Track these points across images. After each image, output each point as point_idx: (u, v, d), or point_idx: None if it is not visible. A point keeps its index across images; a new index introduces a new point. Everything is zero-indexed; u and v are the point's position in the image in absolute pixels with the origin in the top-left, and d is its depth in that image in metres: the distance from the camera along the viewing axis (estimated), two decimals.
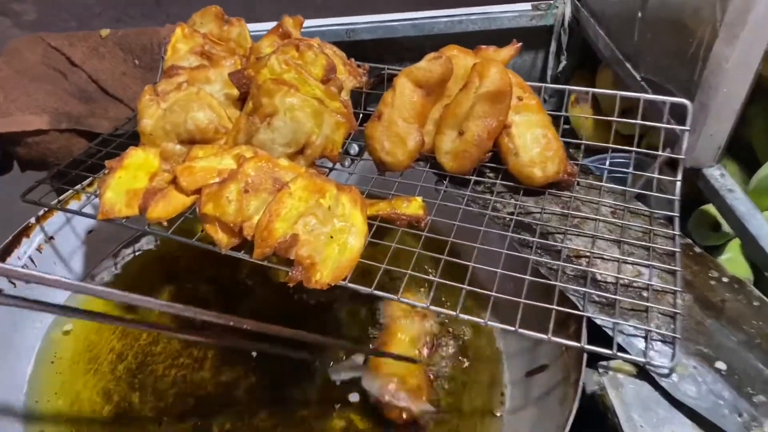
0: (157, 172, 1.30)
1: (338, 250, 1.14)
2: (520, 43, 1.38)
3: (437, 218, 1.24)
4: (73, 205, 1.41)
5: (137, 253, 1.64)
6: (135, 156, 1.31)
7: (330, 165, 1.39)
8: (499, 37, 1.99)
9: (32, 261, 1.40)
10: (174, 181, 1.26)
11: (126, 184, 1.26)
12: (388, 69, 1.47)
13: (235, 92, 1.42)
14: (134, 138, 1.39)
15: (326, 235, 1.15)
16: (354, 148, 1.55)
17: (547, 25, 1.94)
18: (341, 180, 1.30)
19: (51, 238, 1.46)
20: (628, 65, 1.63)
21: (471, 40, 1.99)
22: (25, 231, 1.41)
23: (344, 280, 1.12)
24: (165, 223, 1.21)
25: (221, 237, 1.18)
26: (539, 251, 1.19)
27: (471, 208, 1.28)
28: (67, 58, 1.82)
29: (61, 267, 1.49)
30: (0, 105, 1.64)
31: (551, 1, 1.99)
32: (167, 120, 1.34)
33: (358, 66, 1.45)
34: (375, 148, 1.33)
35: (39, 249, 1.42)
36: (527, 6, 1.99)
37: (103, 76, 1.83)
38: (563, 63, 2.06)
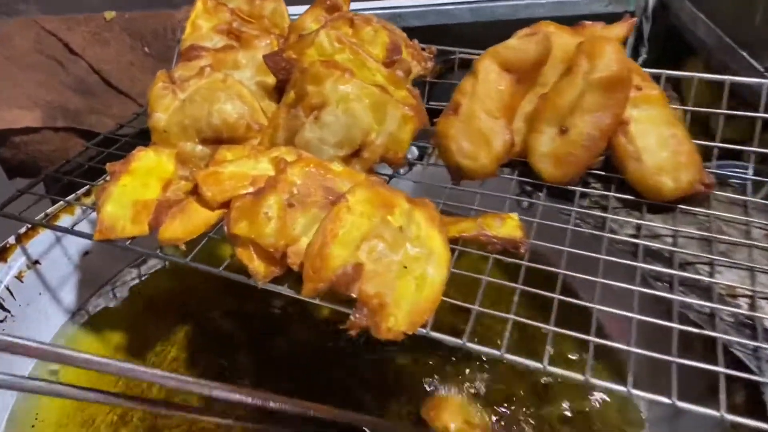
0: (173, 179, 1.01)
1: (415, 285, 0.85)
2: (635, 18, 1.08)
3: (538, 241, 0.94)
4: (64, 220, 1.12)
5: (144, 278, 1.34)
6: (144, 158, 1.03)
7: (388, 171, 1.10)
8: (569, 25, 1.69)
9: (10, 293, 1.11)
10: (195, 192, 0.98)
11: (132, 194, 0.97)
12: (460, 53, 1.17)
13: (271, 80, 1.13)
14: (143, 137, 1.12)
15: (398, 264, 0.85)
16: (412, 152, 1.25)
17: (627, 11, 1.64)
18: None
19: (36, 262, 1.16)
20: (744, 53, 1.33)
21: None
22: (1, 255, 1.11)
23: (424, 326, 0.83)
24: (183, 246, 0.92)
25: (257, 265, 0.89)
26: (681, 289, 0.89)
27: (581, 229, 0.98)
28: (65, 44, 1.54)
29: (48, 299, 1.20)
30: None
31: None
32: (186, 114, 1.05)
33: (423, 49, 1.16)
34: (450, 150, 1.04)
35: (19, 277, 1.13)
36: None
37: (106, 66, 1.56)
38: (643, 56, 1.76)
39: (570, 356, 1.18)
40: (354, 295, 0.82)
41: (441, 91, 1.21)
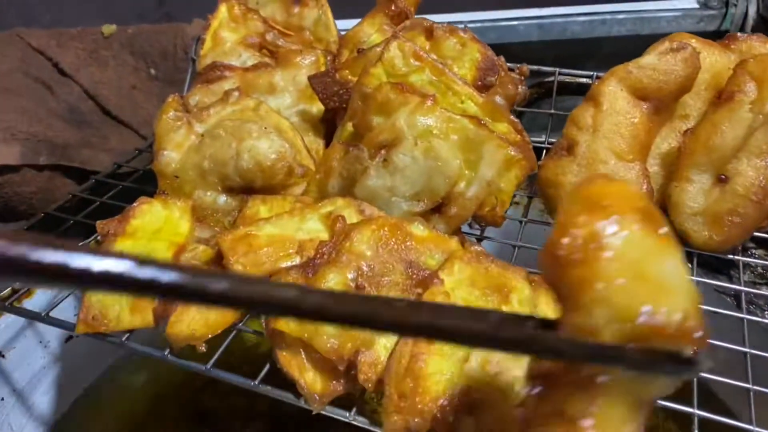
0: (187, 243, 0.73)
1: None
2: None
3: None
4: (38, 296, 0.83)
5: (130, 368, 1.02)
6: (149, 214, 0.75)
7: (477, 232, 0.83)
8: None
9: None
10: (218, 262, 0.70)
11: None
12: (560, 73, 0.90)
13: (316, 109, 0.86)
14: (148, 182, 0.84)
15: (524, 382, 0.56)
16: None
17: (720, 30, 1.38)
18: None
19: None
20: None
21: (615, 47, 1.44)
22: None
23: None
24: (203, 347, 0.64)
25: (312, 381, 0.61)
26: None
27: (757, 319, 0.70)
28: (54, 63, 1.28)
29: (14, 404, 0.89)
30: None
31: None
32: (206, 153, 0.78)
33: (510, 70, 0.89)
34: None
35: None
36: (693, 3, 1.44)
37: (104, 91, 1.29)
38: None
39: None
40: None
41: (536, 122, 0.94)
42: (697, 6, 1.45)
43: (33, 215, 1.01)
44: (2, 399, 0.87)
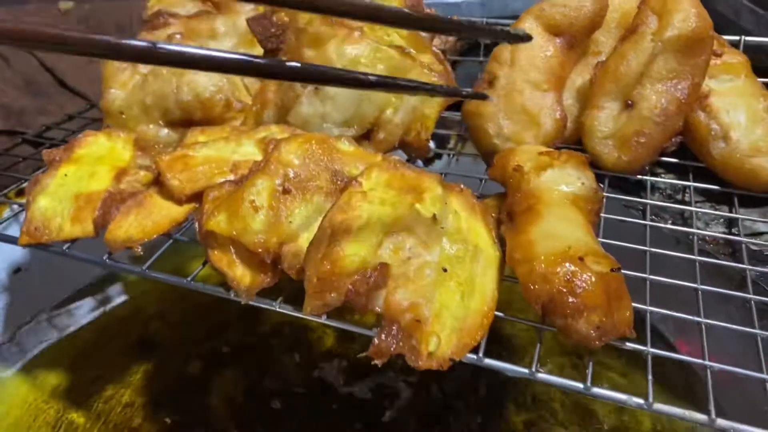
0: (129, 168, 0.77)
1: (460, 294, 0.61)
2: None
3: (606, 240, 0.71)
4: None
5: (78, 300, 1.05)
6: (94, 144, 0.80)
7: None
8: None
9: None
10: (157, 182, 0.74)
11: (75, 186, 0.73)
12: (487, 23, 0.97)
13: (256, 51, 0.91)
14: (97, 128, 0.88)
15: (435, 266, 0.62)
16: None
17: None
18: None
19: None
20: None
21: None
22: None
23: (476, 350, 0.59)
24: (139, 249, 0.67)
25: (241, 274, 0.65)
26: None
27: (659, 224, 0.76)
28: None
29: None
30: None
31: None
32: (148, 90, 0.83)
33: None
34: (485, 132, 0.83)
35: None
36: None
37: (60, 64, 1.33)
38: None
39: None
40: (378, 310, 0.59)
41: (468, 71, 1.00)
42: None
43: None
44: None
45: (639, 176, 0.83)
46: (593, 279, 0.58)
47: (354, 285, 0.58)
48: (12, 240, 0.72)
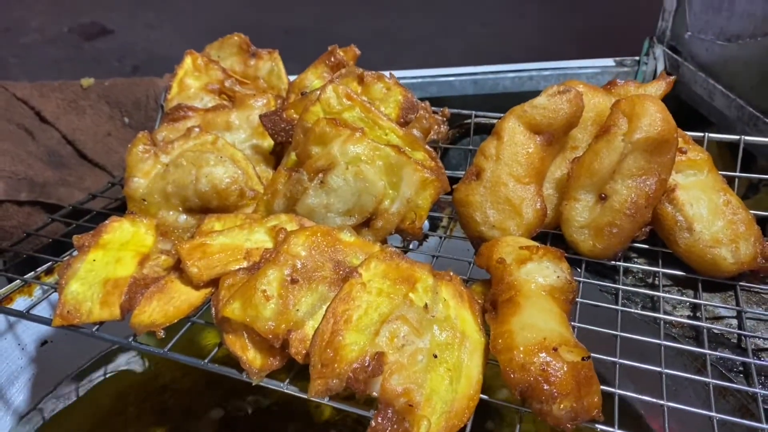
0: (151, 253, 0.85)
1: (449, 378, 0.69)
2: (673, 77, 0.99)
3: (581, 324, 0.79)
4: (19, 303, 0.95)
5: (108, 375, 1.14)
6: (119, 230, 0.88)
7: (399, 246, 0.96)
8: None
9: None
10: (177, 267, 0.83)
11: (103, 271, 0.81)
12: (476, 116, 1.06)
13: (268, 143, 1.01)
14: (120, 211, 0.96)
15: (426, 353, 0.70)
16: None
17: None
18: None
19: None
20: None
21: None
22: None
23: (463, 431, 0.67)
24: (161, 333, 0.75)
25: (252, 357, 0.73)
26: (762, 379, 0.74)
27: (630, 310, 0.84)
28: (36, 112, 1.42)
29: None
30: None
31: (637, 57, 1.64)
32: (169, 179, 0.92)
33: (434, 112, 1.05)
34: (473, 220, 0.91)
35: None
36: (609, 62, 1.64)
37: (81, 137, 1.43)
38: None
39: None
40: (375, 394, 0.66)
41: (457, 157, 1.09)
42: (613, 64, 1.64)
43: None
44: None
45: (613, 262, 0.91)
46: (565, 368, 0.66)
47: (354, 373, 0.66)
48: (45, 321, 0.79)
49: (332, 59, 1.03)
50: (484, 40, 4.11)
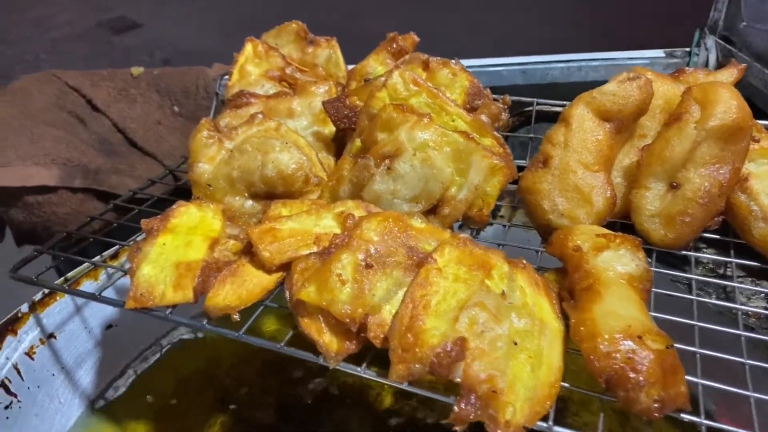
0: (220, 237, 0.85)
1: (530, 366, 0.68)
2: (744, 64, 0.97)
3: (656, 314, 0.78)
4: (86, 285, 0.95)
5: (168, 353, 1.13)
6: (186, 214, 0.88)
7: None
8: None
9: (18, 372, 0.93)
10: (247, 251, 0.83)
11: (173, 254, 0.82)
12: (538, 103, 1.05)
13: (329, 130, 1.00)
14: (179, 197, 0.96)
15: (506, 339, 0.69)
16: None
17: None
18: None
19: (51, 335, 0.99)
20: None
21: None
22: (11, 325, 0.94)
23: (546, 419, 0.66)
24: (237, 316, 0.75)
25: (329, 341, 0.72)
26: None
27: (705, 300, 0.83)
28: (88, 100, 1.43)
29: (62, 380, 1.01)
30: None
31: (688, 48, 1.61)
32: (235, 165, 0.92)
33: (494, 100, 1.04)
34: (540, 208, 0.90)
35: (30, 353, 0.95)
36: (659, 53, 1.61)
37: (132, 125, 1.43)
38: None
39: None
40: (458, 380, 0.66)
41: (513, 147, 1.08)
42: (663, 55, 1.62)
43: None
44: (53, 374, 0.98)
45: (684, 252, 0.89)
46: (651, 356, 0.65)
47: (437, 358, 0.65)
48: (117, 303, 0.80)
49: (394, 46, 1.03)
50: (515, 33, 4.10)
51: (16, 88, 1.39)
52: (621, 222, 0.94)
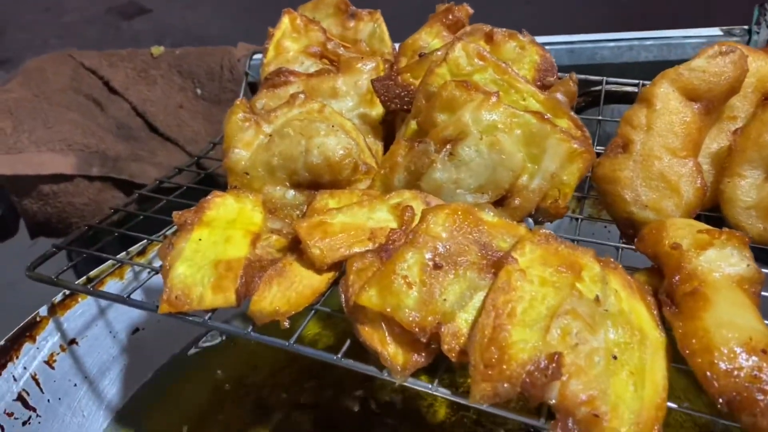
0: (262, 231, 0.76)
1: (633, 385, 0.58)
2: None
3: None
4: (111, 285, 0.86)
5: (192, 360, 1.04)
6: (222, 206, 0.78)
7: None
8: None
9: (37, 384, 0.83)
10: (293, 248, 0.73)
11: (211, 251, 0.72)
12: (608, 82, 0.95)
13: (375, 112, 0.90)
14: (190, 197, 0.86)
15: (604, 354, 0.59)
16: None
17: None
18: None
19: (72, 341, 0.89)
20: None
21: (643, 72, 1.49)
22: (29, 331, 0.84)
23: None
24: (287, 323, 0.66)
25: (394, 352, 0.63)
26: None
27: None
28: (105, 82, 1.33)
29: (85, 391, 0.92)
30: (7, 136, 1.13)
31: (746, 27, 1.49)
32: (275, 151, 0.82)
33: (559, 78, 0.93)
34: (621, 199, 0.80)
35: (50, 362, 0.86)
36: (716, 31, 1.49)
37: (152, 108, 1.34)
38: None
39: None
40: (552, 401, 0.56)
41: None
42: (720, 33, 1.50)
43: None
44: (75, 385, 0.88)
45: None
46: None
47: (530, 377, 0.56)
48: (148, 307, 0.71)
49: (450, 17, 0.92)
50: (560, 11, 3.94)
51: (30, 68, 1.29)
52: (706, 214, 0.83)
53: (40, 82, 1.26)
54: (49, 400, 0.84)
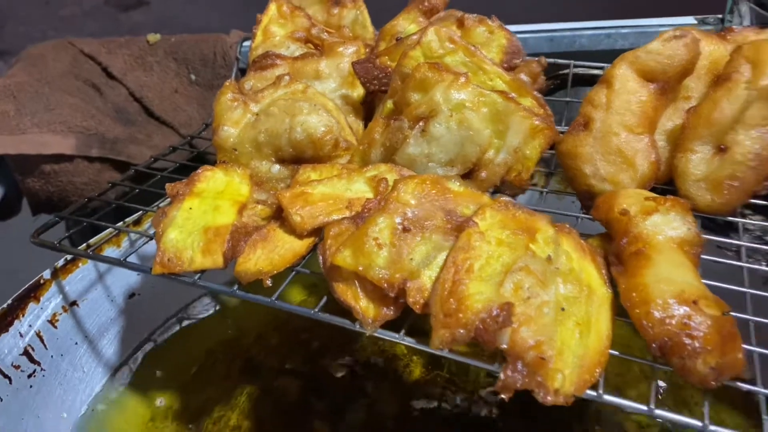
0: (248, 202, 0.82)
1: (579, 333, 0.65)
2: None
3: (706, 281, 0.74)
4: (109, 252, 0.93)
5: (194, 323, 1.11)
6: (212, 179, 0.85)
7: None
8: None
9: (41, 340, 0.90)
10: (278, 216, 0.79)
11: (201, 219, 0.78)
12: (575, 65, 1.01)
13: (356, 93, 0.96)
14: (183, 173, 0.92)
15: (553, 305, 0.66)
16: None
17: None
18: None
19: (74, 303, 0.96)
20: None
21: None
22: (34, 292, 0.91)
23: (595, 387, 0.63)
24: (269, 282, 0.72)
25: (365, 307, 0.69)
26: None
27: (757, 266, 0.79)
28: (104, 68, 1.39)
29: (86, 349, 0.99)
30: (10, 118, 1.19)
31: (720, 15, 1.55)
32: (261, 128, 0.88)
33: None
34: (582, 173, 0.86)
35: (53, 321, 0.93)
36: (690, 19, 1.55)
37: (148, 94, 1.40)
38: None
39: None
40: (504, 346, 0.63)
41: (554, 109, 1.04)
42: (695, 22, 1.56)
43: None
44: (76, 343, 0.95)
45: (731, 218, 0.85)
46: (708, 322, 0.61)
47: (483, 323, 0.62)
48: (143, 269, 0.77)
49: (425, 4, 0.98)
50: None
51: (31, 54, 1.35)
52: (662, 188, 0.90)
53: (41, 68, 1.32)
54: (52, 356, 0.90)
